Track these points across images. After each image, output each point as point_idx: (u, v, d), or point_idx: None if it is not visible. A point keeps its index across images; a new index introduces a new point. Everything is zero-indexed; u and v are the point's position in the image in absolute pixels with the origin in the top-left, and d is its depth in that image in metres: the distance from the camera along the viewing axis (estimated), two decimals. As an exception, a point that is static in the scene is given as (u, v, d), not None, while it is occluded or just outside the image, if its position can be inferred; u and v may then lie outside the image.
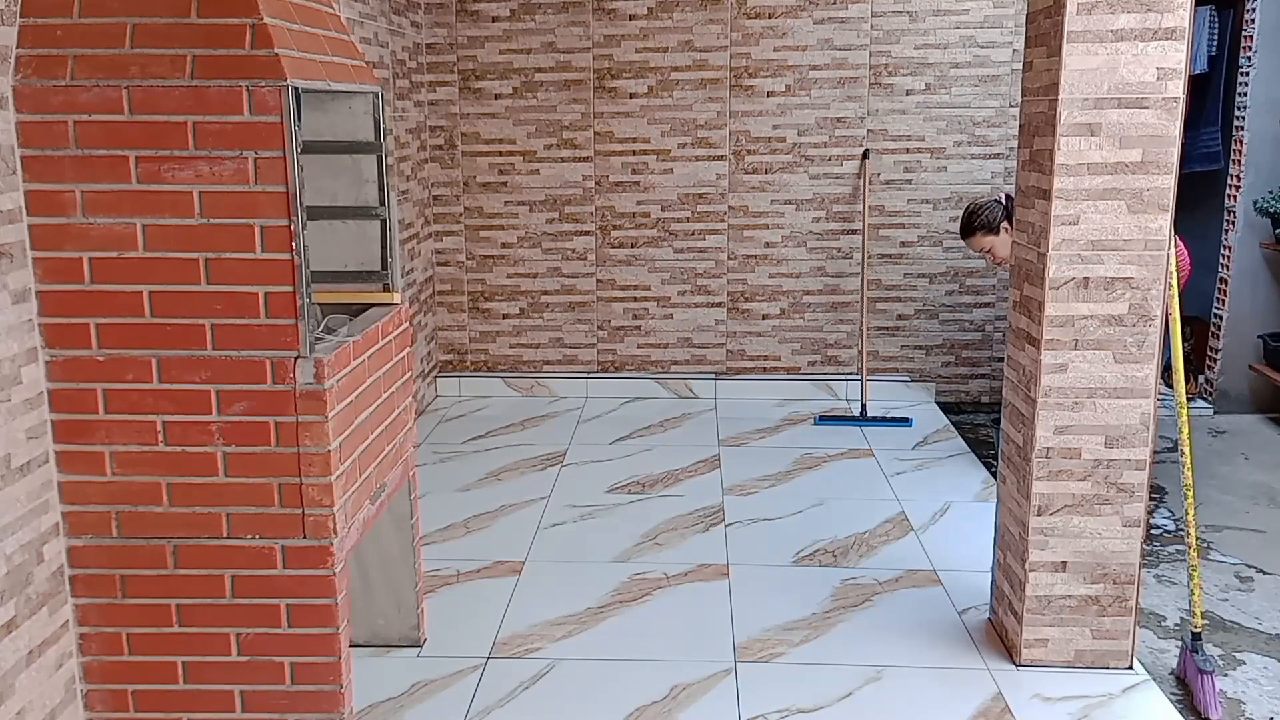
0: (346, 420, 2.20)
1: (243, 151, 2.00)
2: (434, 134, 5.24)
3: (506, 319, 5.41)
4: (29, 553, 2.02)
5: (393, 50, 4.64)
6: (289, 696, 2.22)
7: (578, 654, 2.89)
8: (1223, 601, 3.30)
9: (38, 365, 2.06)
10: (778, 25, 5.07)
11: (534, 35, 5.12)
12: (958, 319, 5.29)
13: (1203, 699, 2.67)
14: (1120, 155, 2.54)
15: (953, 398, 5.36)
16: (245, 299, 2.06)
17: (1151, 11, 2.47)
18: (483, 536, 3.68)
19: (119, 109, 1.98)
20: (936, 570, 3.38)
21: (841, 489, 4.12)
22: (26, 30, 1.98)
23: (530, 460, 4.46)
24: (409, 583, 2.85)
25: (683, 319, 5.34)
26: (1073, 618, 2.76)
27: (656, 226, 5.28)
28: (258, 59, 1.97)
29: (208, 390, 2.09)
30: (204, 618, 2.18)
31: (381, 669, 2.80)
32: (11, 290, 1.98)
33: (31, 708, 2.02)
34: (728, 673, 2.79)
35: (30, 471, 2.03)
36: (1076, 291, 2.60)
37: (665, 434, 4.81)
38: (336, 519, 2.14)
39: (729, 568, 3.41)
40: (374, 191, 2.59)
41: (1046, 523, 2.72)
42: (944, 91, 5.09)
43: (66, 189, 2.01)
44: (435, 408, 5.24)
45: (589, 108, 5.17)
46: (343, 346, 2.18)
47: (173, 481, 2.13)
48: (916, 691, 2.70)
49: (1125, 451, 2.67)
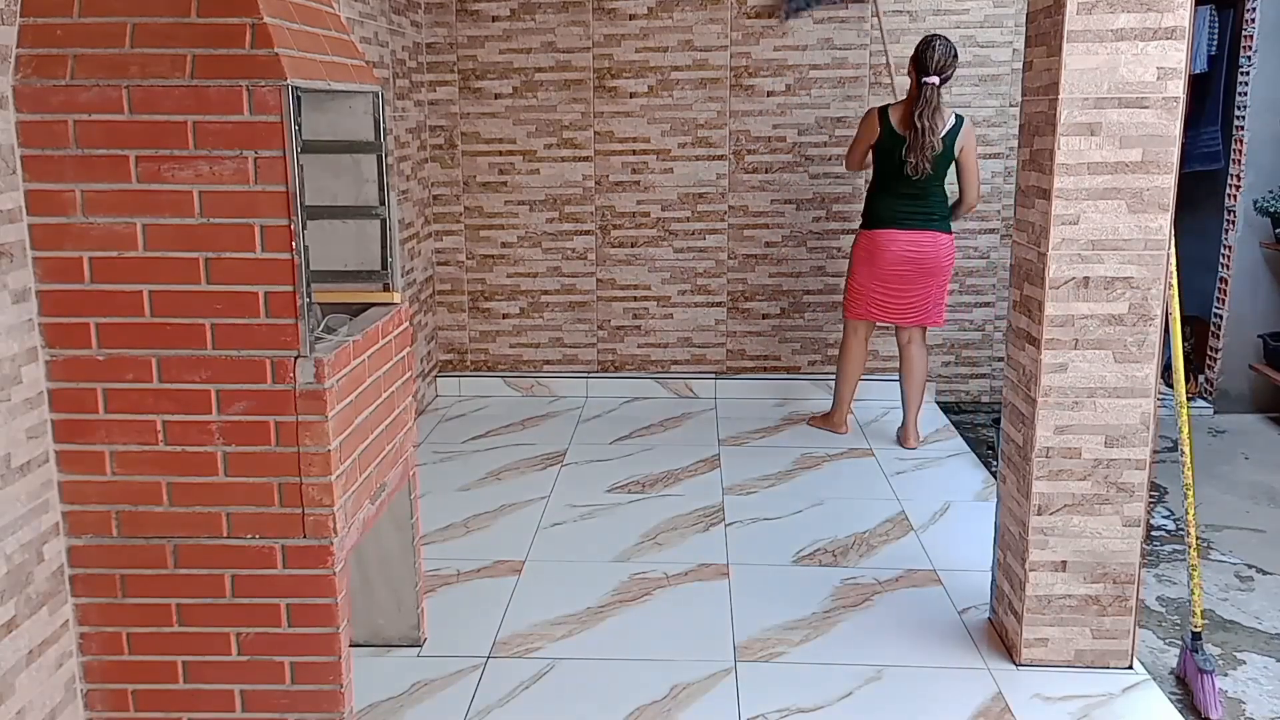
0: (346, 420, 2.20)
1: (243, 151, 2.00)
2: (434, 133, 5.24)
3: (506, 318, 5.41)
4: (29, 552, 2.02)
5: (393, 50, 4.64)
6: (289, 696, 2.22)
7: (578, 654, 2.89)
8: (1223, 601, 3.31)
9: (38, 365, 2.06)
10: (777, 25, 5.07)
11: (534, 35, 5.12)
12: (958, 319, 5.29)
13: (1203, 698, 2.67)
14: (1120, 155, 2.54)
15: (953, 397, 5.36)
16: (245, 298, 2.05)
17: (1151, 11, 2.47)
18: (483, 536, 3.68)
19: (119, 109, 1.98)
20: (936, 570, 3.38)
21: (841, 488, 4.12)
22: (26, 30, 1.98)
23: (530, 460, 4.46)
24: (409, 582, 2.85)
25: (683, 318, 5.35)
26: (1073, 617, 2.76)
27: (656, 226, 5.28)
28: (258, 59, 1.97)
29: (208, 390, 2.09)
30: (204, 617, 2.18)
31: (381, 668, 2.80)
32: (11, 290, 1.98)
33: (31, 707, 2.02)
34: (728, 672, 2.79)
35: (30, 471, 2.03)
36: (1076, 291, 2.60)
37: (665, 434, 4.81)
38: (336, 518, 2.14)
39: (729, 567, 3.41)
40: (374, 191, 2.59)
41: (1046, 522, 2.72)
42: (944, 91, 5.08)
43: (66, 189, 2.01)
44: (435, 407, 5.24)
45: (589, 107, 5.17)
46: (343, 346, 2.18)
47: (173, 481, 2.13)
48: (916, 691, 2.70)
49: (1125, 451, 2.67)
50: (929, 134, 4.14)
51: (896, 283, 4.37)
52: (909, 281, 4.36)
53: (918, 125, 4.15)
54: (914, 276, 4.35)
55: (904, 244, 4.32)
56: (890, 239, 4.33)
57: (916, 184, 4.26)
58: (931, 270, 4.35)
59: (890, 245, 4.33)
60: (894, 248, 4.33)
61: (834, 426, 4.76)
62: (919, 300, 4.40)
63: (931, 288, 4.39)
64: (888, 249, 4.34)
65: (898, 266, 4.34)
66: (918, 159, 4.16)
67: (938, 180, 4.29)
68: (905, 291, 4.38)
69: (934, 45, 4.16)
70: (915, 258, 4.32)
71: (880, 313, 4.46)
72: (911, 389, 4.55)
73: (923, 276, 4.35)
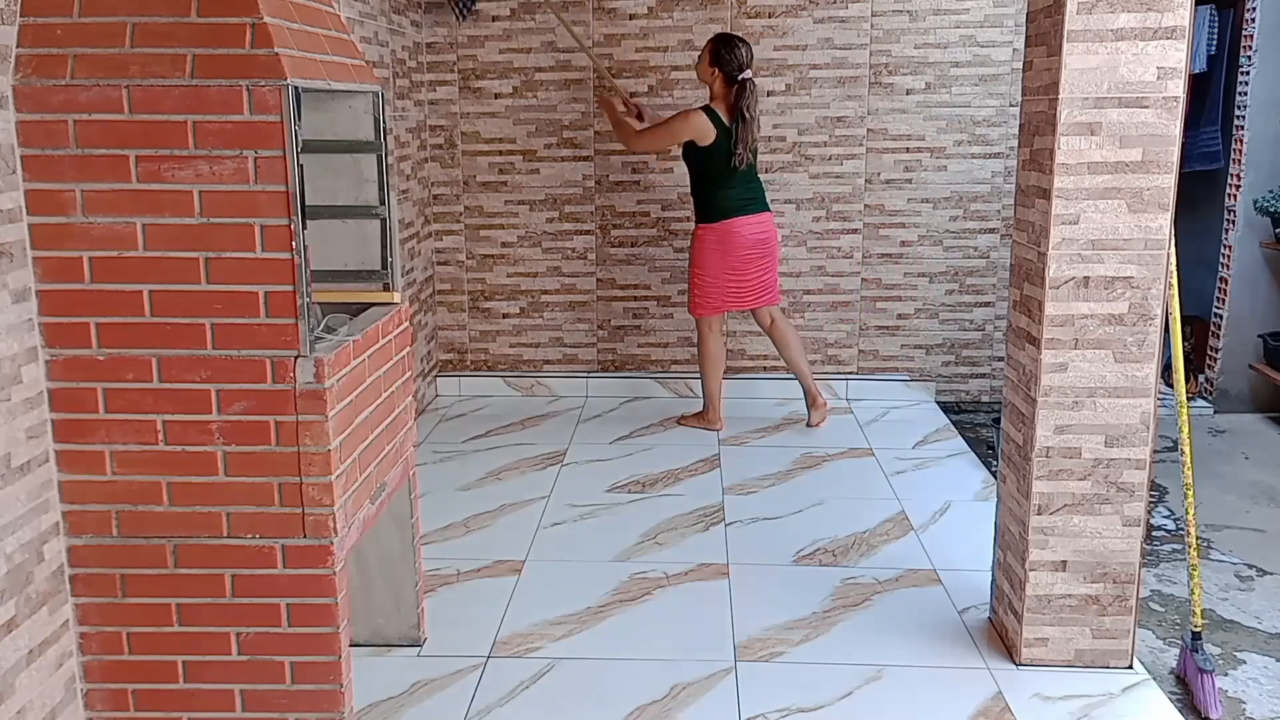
0: (346, 419, 2.20)
1: (243, 151, 2.00)
2: (434, 133, 5.24)
3: (506, 318, 5.41)
4: (29, 552, 2.02)
5: (393, 49, 4.64)
6: (289, 696, 2.22)
7: (578, 653, 2.89)
8: (1223, 600, 3.31)
9: (38, 364, 2.06)
10: (778, 24, 5.07)
11: (534, 34, 5.12)
12: (958, 318, 5.29)
13: (1203, 698, 2.67)
14: (1120, 154, 2.54)
15: (953, 397, 5.36)
16: (245, 298, 2.06)
17: (1151, 11, 2.47)
18: (483, 536, 3.68)
19: (119, 108, 1.98)
20: (936, 569, 3.39)
21: (841, 488, 4.12)
22: (26, 29, 1.98)
23: (530, 459, 4.46)
24: (409, 582, 2.85)
25: (683, 318, 5.34)
26: (1073, 617, 2.76)
27: (656, 226, 5.28)
28: (258, 58, 1.97)
29: (208, 389, 2.09)
30: (204, 617, 2.18)
31: (381, 668, 2.80)
32: (11, 289, 1.98)
33: (31, 707, 2.02)
34: (728, 672, 2.79)
35: (30, 471, 2.03)
36: (1076, 291, 2.60)
37: (665, 433, 4.81)
38: (337, 518, 2.14)
39: (729, 567, 3.42)
40: (374, 191, 2.59)
41: (1046, 522, 2.72)
42: (944, 91, 5.09)
43: (66, 188, 2.01)
44: (435, 407, 5.24)
45: (589, 107, 5.17)
46: (343, 346, 2.18)
47: (173, 481, 2.13)
48: (916, 691, 2.71)
49: (1125, 451, 2.67)
50: (756, 125, 4.44)
51: (745, 268, 4.58)
52: (755, 264, 4.59)
53: (747, 116, 4.40)
54: (759, 258, 4.60)
55: (753, 228, 4.55)
56: (740, 225, 4.53)
57: (746, 172, 4.50)
58: (770, 250, 4.64)
59: (742, 231, 4.54)
60: (746, 233, 4.54)
61: (709, 424, 4.84)
62: (767, 279, 4.65)
63: (771, 267, 4.65)
64: (740, 236, 4.54)
65: (748, 250, 4.56)
66: (744, 149, 4.41)
67: (754, 164, 4.55)
68: (754, 275, 4.61)
69: (741, 45, 4.44)
70: (760, 239, 4.58)
71: (733, 301, 4.65)
72: (796, 358, 4.79)
73: (765, 257, 4.62)
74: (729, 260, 4.55)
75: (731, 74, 4.41)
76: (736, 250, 4.54)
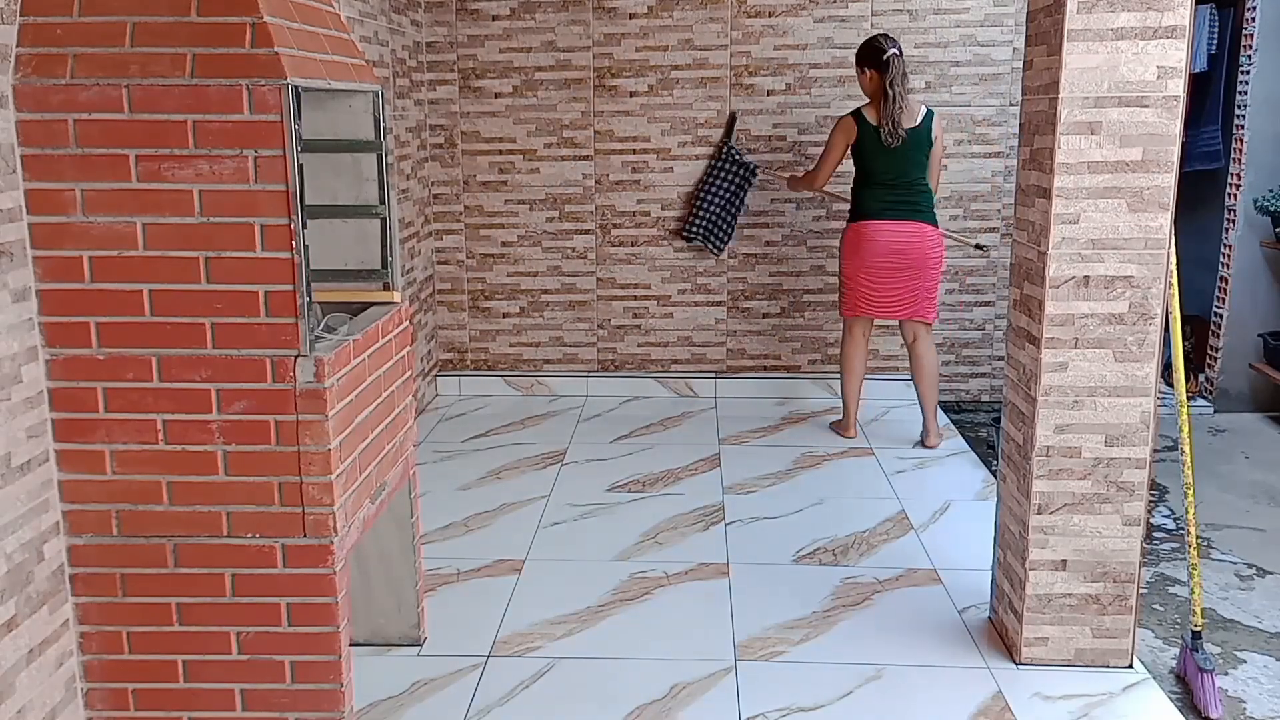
0: (346, 419, 2.20)
1: (243, 150, 2.00)
2: (434, 133, 5.24)
3: (506, 318, 5.41)
4: (29, 551, 2.02)
5: (393, 49, 4.64)
6: (289, 695, 2.22)
7: (578, 653, 2.89)
8: (1223, 600, 3.31)
9: (38, 364, 2.06)
10: (778, 24, 5.07)
11: (534, 34, 5.11)
12: (958, 318, 5.29)
13: (1203, 697, 2.67)
14: (1120, 154, 2.54)
15: (953, 397, 5.36)
16: (245, 298, 2.05)
17: (1152, 10, 2.47)
18: (483, 535, 3.68)
19: (119, 108, 1.98)
20: (937, 569, 3.38)
21: (841, 488, 4.12)
22: (26, 29, 1.98)
23: (530, 459, 4.46)
24: (409, 581, 2.85)
25: (683, 318, 5.34)
26: (1073, 616, 2.76)
27: (657, 225, 5.28)
28: (258, 58, 1.97)
29: (208, 389, 2.09)
30: (204, 616, 2.18)
31: (382, 668, 2.80)
32: (12, 289, 1.98)
33: (32, 706, 2.02)
34: (728, 671, 2.79)
35: (30, 470, 2.03)
36: (1077, 290, 2.60)
37: (665, 433, 4.81)
38: (337, 518, 2.14)
39: (729, 566, 3.42)
40: (374, 190, 2.59)
41: (1047, 521, 2.72)
42: (944, 90, 5.09)
43: (66, 188, 2.01)
44: (435, 406, 5.24)
45: (589, 106, 5.17)
46: (343, 345, 2.18)
47: (173, 480, 2.13)
48: (917, 690, 2.71)
49: (1125, 450, 2.67)
50: (900, 100, 4.27)
51: (884, 274, 4.40)
52: (896, 272, 4.40)
53: (889, 92, 4.26)
54: (900, 267, 4.39)
55: (890, 234, 4.36)
56: (877, 229, 4.37)
57: (900, 176, 4.33)
58: (917, 261, 4.39)
59: (877, 236, 4.37)
60: (881, 238, 4.37)
61: (841, 430, 4.77)
62: (907, 292, 4.43)
63: (920, 280, 4.42)
64: (875, 240, 4.38)
65: (885, 257, 4.38)
66: (894, 125, 4.26)
67: (920, 171, 4.36)
68: (893, 283, 4.42)
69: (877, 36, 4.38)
70: (901, 248, 4.37)
71: (871, 307, 4.48)
72: (924, 388, 4.57)
73: (909, 267, 4.39)
74: (861, 262, 4.41)
75: (877, 62, 4.29)
76: (870, 254, 4.38)
